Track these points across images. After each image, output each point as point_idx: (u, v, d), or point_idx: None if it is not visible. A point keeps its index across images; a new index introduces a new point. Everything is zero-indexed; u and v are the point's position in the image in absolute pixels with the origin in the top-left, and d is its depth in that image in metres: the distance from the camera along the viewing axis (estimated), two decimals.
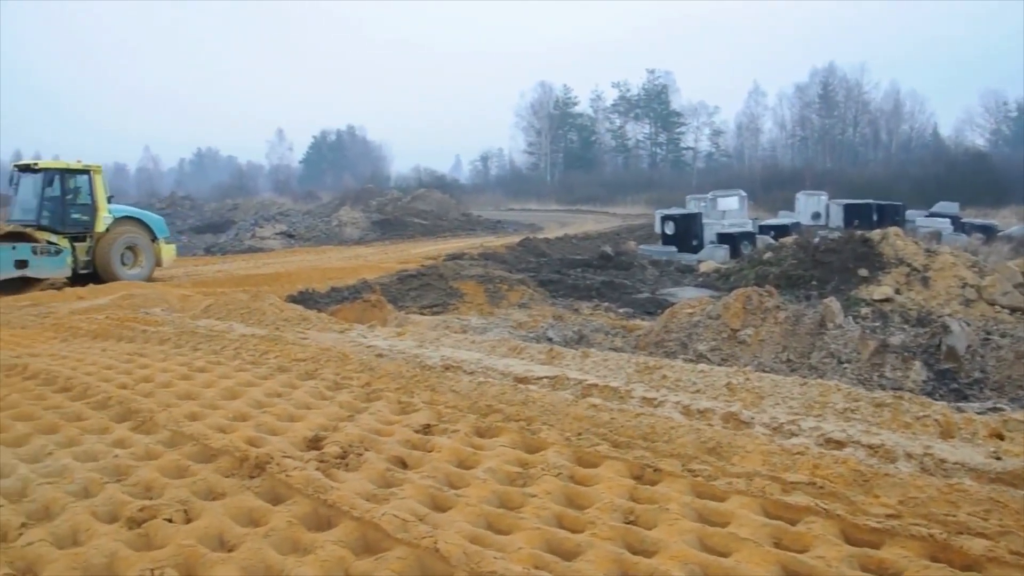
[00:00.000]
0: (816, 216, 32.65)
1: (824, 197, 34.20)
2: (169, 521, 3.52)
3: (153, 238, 17.93)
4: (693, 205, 31.17)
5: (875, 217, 28.40)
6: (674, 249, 24.42)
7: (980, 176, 45.93)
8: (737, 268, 17.97)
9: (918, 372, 8.31)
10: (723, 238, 24.20)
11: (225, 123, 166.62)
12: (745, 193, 30.63)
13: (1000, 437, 4.51)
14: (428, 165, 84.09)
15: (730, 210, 28.56)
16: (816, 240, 17.11)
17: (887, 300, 12.59)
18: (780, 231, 24.38)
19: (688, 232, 25.35)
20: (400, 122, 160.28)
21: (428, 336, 8.34)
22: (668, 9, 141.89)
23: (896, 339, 9.25)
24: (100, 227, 16.69)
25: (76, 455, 4.47)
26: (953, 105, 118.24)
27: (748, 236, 24.24)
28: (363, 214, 39.29)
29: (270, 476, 4.01)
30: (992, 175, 47.14)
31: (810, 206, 33.72)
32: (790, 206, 35.60)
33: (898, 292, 12.91)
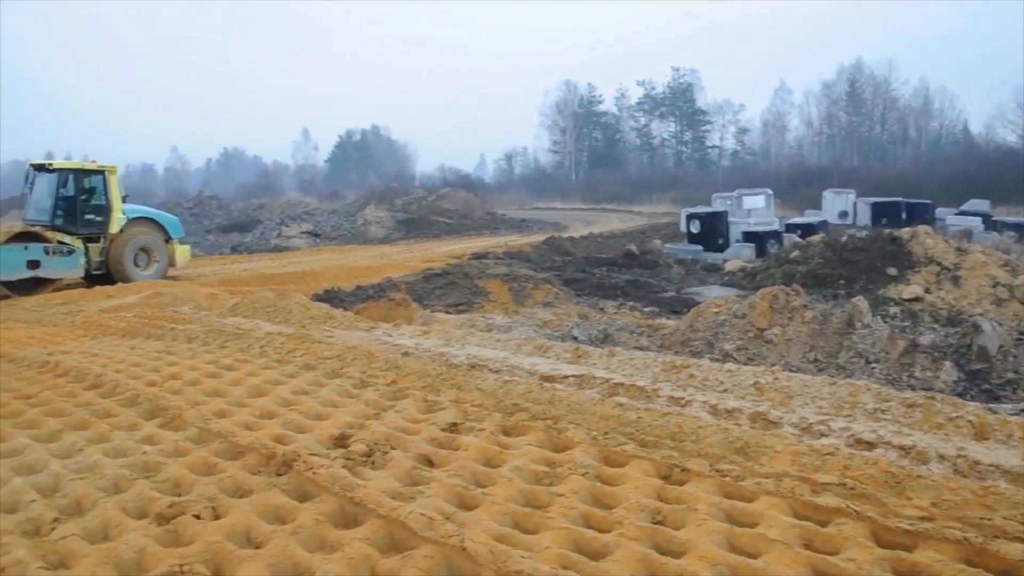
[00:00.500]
0: (843, 214, 32.26)
1: (852, 195, 33.73)
2: (197, 517, 3.54)
3: (167, 239, 17.86)
4: (719, 203, 30.87)
5: (904, 215, 28.05)
6: (700, 248, 24.33)
7: (1012, 173, 44.96)
8: (763, 267, 17.84)
9: (949, 372, 8.18)
10: (749, 237, 24.06)
11: (251, 123, 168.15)
12: (771, 191, 30.26)
13: None
14: (453, 164, 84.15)
15: (756, 208, 28.25)
16: (844, 239, 16.91)
17: (917, 299, 12.43)
18: (807, 230, 24.11)
19: (714, 231, 25.26)
20: (425, 121, 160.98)
21: (454, 335, 8.34)
22: (693, 7, 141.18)
23: (926, 339, 9.12)
24: (114, 228, 16.63)
25: (106, 451, 4.53)
26: (984, 101, 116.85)
27: (774, 235, 24.07)
28: (388, 213, 39.46)
29: (297, 474, 4.03)
30: None
31: (837, 204, 33.30)
32: (817, 204, 35.18)
33: (928, 291, 12.75)
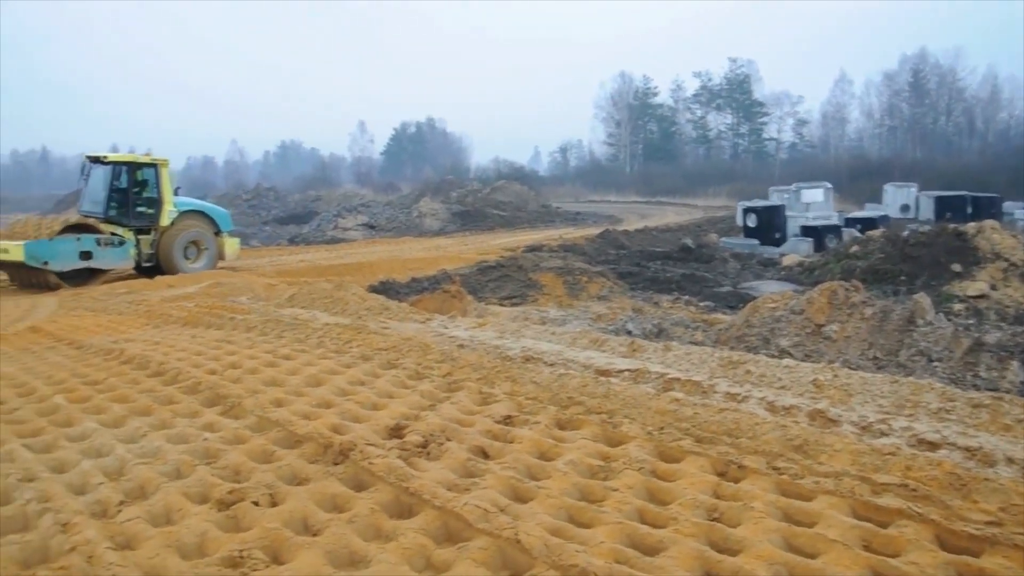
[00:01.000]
0: (905, 208, 31.52)
1: (914, 189, 32.92)
2: (256, 504, 3.60)
3: (217, 232, 18.14)
4: (776, 197, 30.36)
5: (969, 210, 27.31)
6: (756, 242, 23.99)
7: None
8: (822, 262, 17.49)
9: (1015, 372, 7.93)
10: (807, 231, 23.59)
11: (308, 117, 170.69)
12: (830, 185, 29.66)
13: None
14: (507, 157, 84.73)
15: (815, 202, 27.71)
16: (906, 233, 16.52)
17: (982, 296, 12.10)
18: (867, 224, 23.52)
19: (771, 225, 24.88)
20: (479, 114, 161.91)
21: (508, 327, 8.35)
22: None
23: (991, 337, 8.86)
24: (165, 221, 16.90)
25: (169, 437, 4.64)
26: None
27: (833, 229, 23.58)
28: (443, 205, 39.67)
29: (353, 463, 4.07)
30: None
31: (899, 198, 32.55)
32: (877, 198, 34.44)
33: (994, 288, 12.39)
